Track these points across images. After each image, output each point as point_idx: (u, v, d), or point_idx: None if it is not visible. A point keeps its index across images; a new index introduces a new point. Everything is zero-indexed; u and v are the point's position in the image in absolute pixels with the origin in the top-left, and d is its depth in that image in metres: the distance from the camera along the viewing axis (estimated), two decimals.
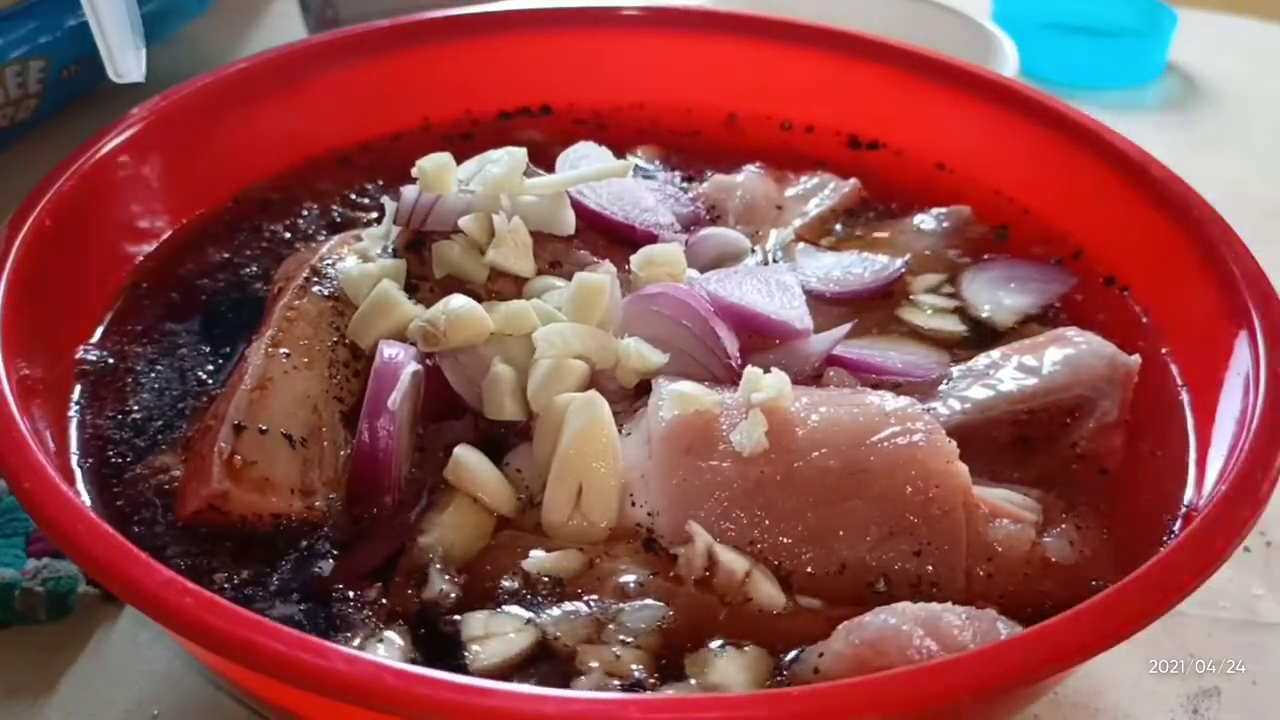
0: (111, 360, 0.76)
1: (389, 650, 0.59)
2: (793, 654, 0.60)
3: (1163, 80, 1.51)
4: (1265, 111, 1.46)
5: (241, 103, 0.94)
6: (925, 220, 0.93)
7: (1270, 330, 0.71)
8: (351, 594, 0.62)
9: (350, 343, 0.73)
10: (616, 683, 0.57)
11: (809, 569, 0.63)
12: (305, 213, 0.92)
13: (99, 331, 0.79)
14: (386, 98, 1.01)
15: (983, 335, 0.82)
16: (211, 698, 0.69)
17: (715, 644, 0.60)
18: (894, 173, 1.00)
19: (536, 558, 0.63)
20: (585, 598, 0.62)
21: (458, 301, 0.70)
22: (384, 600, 0.62)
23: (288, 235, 0.89)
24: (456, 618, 0.61)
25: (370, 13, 1.11)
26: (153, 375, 0.76)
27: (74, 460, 0.69)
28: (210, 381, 0.76)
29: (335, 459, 0.68)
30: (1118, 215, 0.87)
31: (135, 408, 0.73)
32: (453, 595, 0.62)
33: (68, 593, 0.72)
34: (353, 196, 0.94)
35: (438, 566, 0.63)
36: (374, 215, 0.91)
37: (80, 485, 0.67)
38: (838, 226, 0.93)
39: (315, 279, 0.75)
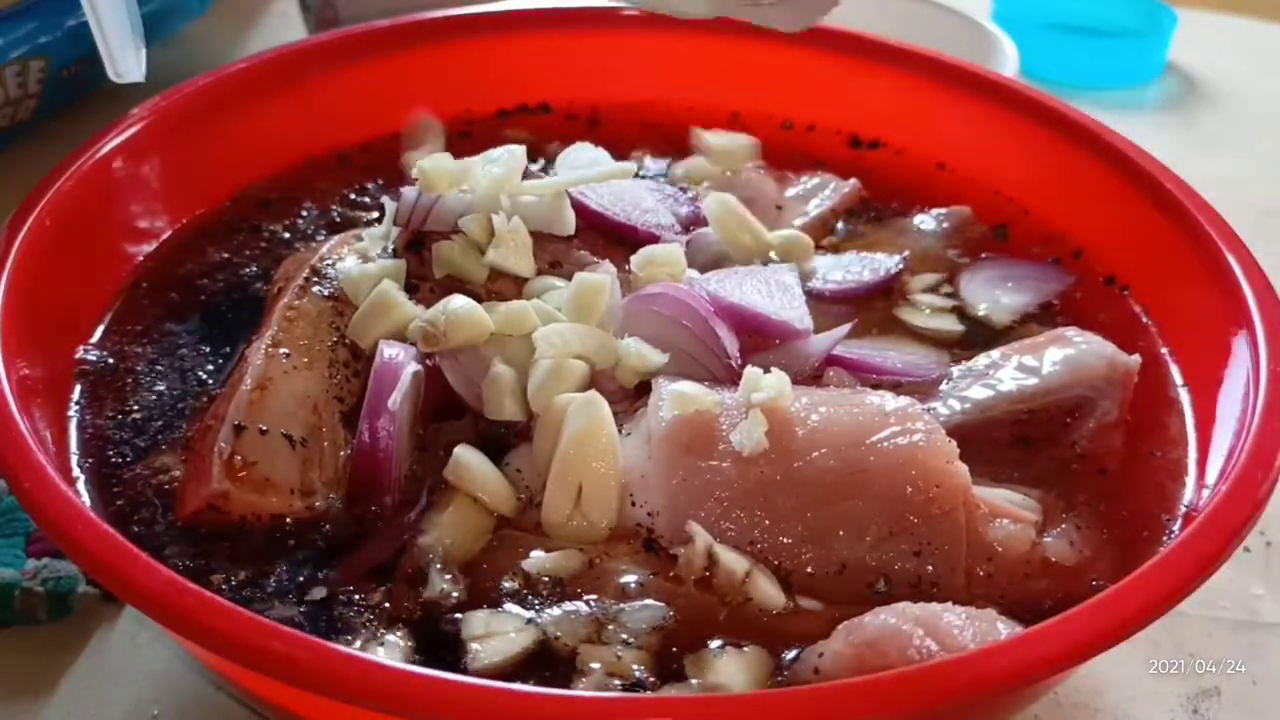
0: (111, 360, 0.76)
1: (390, 653, 0.59)
2: (793, 654, 0.60)
3: (1163, 80, 1.51)
4: (1265, 111, 1.46)
5: (241, 103, 0.94)
6: (925, 220, 0.93)
7: (1270, 330, 0.71)
8: (353, 597, 0.62)
9: (350, 343, 0.73)
10: (617, 683, 0.57)
11: (809, 569, 0.63)
12: (305, 213, 0.92)
13: (99, 331, 0.79)
14: (386, 98, 1.01)
15: (981, 334, 0.82)
16: (211, 698, 0.69)
17: (715, 644, 0.60)
18: (894, 172, 1.00)
19: (536, 558, 0.63)
20: (585, 598, 0.62)
21: (458, 302, 0.70)
22: (387, 604, 0.62)
23: (287, 235, 0.89)
24: (458, 616, 0.61)
25: (370, 13, 1.11)
26: (153, 375, 0.76)
27: (74, 460, 0.69)
28: (210, 381, 0.76)
29: (335, 459, 0.68)
30: (1118, 215, 0.87)
31: (135, 408, 0.73)
32: (453, 595, 0.62)
33: (68, 593, 0.72)
34: (353, 196, 0.94)
35: (438, 566, 0.63)
36: (374, 215, 0.91)
37: (80, 485, 0.67)
38: (838, 226, 0.93)
39: (315, 279, 0.75)
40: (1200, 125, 1.42)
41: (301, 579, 0.63)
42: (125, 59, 0.78)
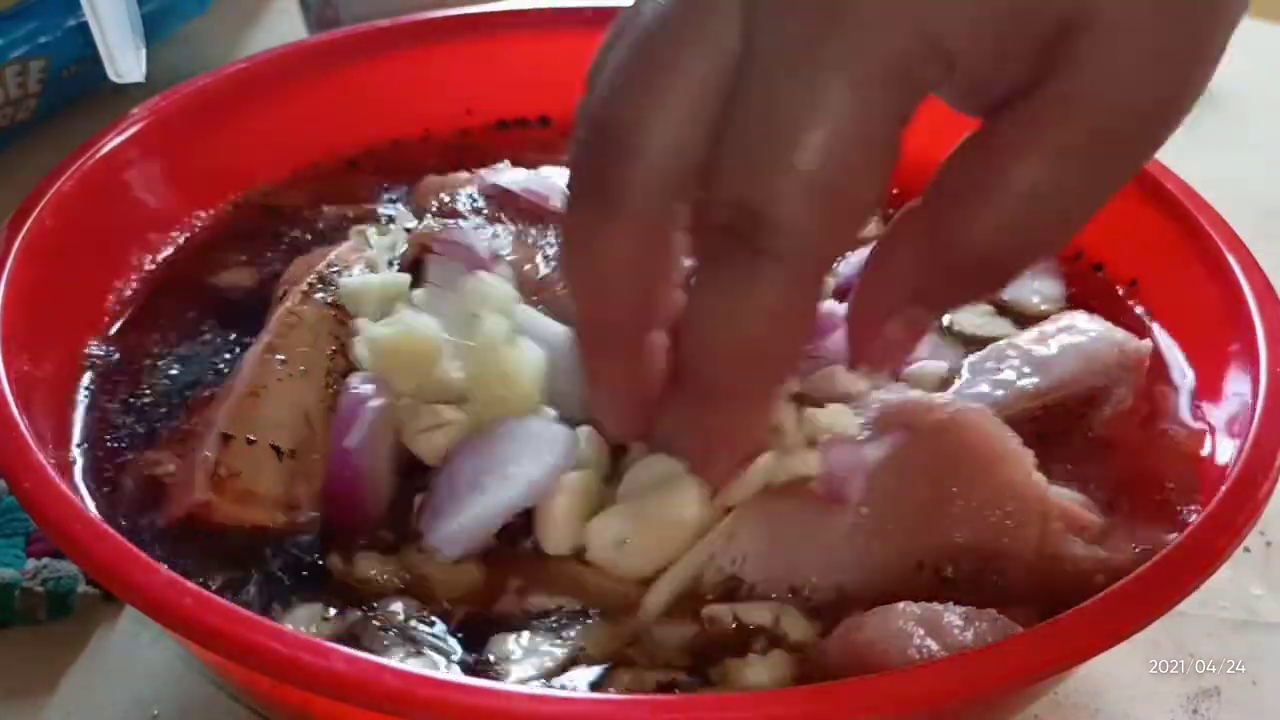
0: (111, 360, 0.76)
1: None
2: None
3: None
4: (1265, 111, 1.45)
5: (242, 103, 0.94)
6: None
7: (1270, 330, 0.71)
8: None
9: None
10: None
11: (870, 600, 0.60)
12: (306, 215, 0.91)
13: (99, 331, 0.79)
14: (387, 98, 1.01)
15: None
16: (211, 698, 0.69)
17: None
18: (894, 172, 0.99)
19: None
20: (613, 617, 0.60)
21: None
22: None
23: (288, 238, 0.89)
24: (488, 639, 0.59)
25: (371, 13, 1.11)
26: (153, 375, 0.76)
27: (73, 459, 0.69)
28: (210, 379, 0.75)
29: (324, 473, 0.66)
30: (1118, 216, 0.86)
31: (135, 407, 0.73)
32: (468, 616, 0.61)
33: (68, 593, 0.72)
34: (356, 198, 0.94)
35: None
36: (377, 216, 0.91)
37: (79, 484, 0.67)
38: None
39: (320, 285, 0.74)
40: (1200, 125, 1.41)
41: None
42: (125, 59, 0.78)
